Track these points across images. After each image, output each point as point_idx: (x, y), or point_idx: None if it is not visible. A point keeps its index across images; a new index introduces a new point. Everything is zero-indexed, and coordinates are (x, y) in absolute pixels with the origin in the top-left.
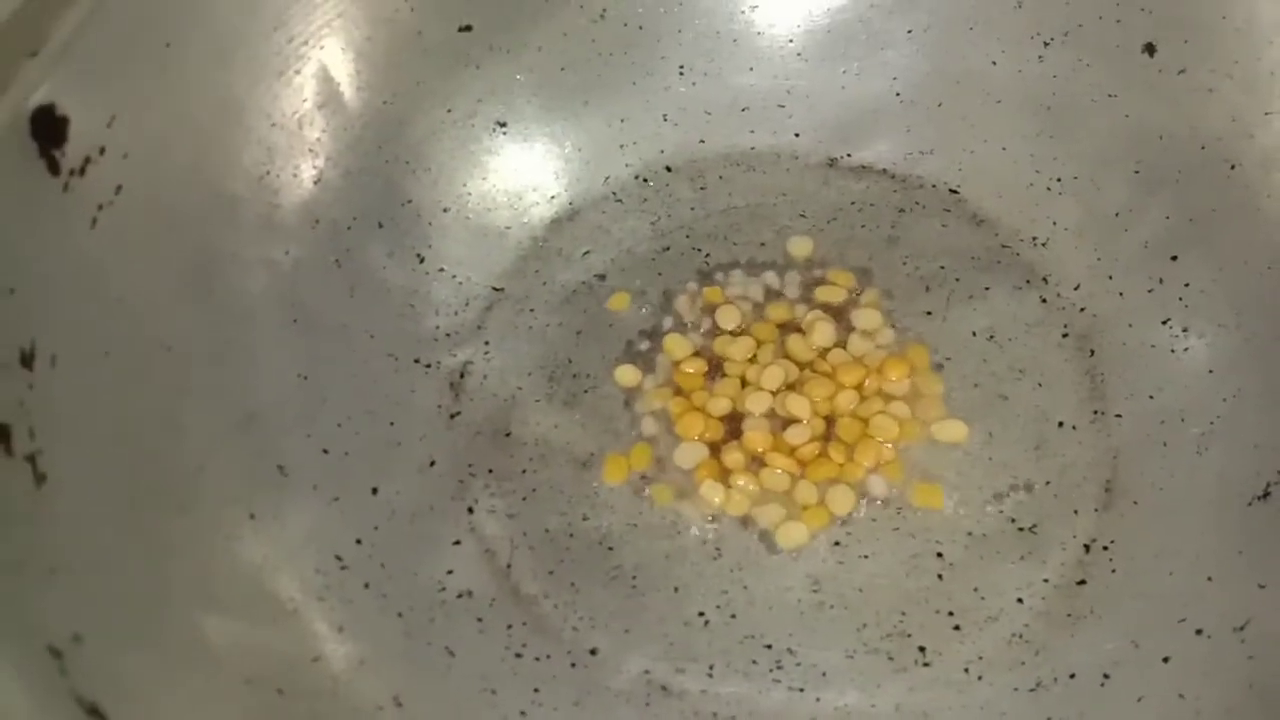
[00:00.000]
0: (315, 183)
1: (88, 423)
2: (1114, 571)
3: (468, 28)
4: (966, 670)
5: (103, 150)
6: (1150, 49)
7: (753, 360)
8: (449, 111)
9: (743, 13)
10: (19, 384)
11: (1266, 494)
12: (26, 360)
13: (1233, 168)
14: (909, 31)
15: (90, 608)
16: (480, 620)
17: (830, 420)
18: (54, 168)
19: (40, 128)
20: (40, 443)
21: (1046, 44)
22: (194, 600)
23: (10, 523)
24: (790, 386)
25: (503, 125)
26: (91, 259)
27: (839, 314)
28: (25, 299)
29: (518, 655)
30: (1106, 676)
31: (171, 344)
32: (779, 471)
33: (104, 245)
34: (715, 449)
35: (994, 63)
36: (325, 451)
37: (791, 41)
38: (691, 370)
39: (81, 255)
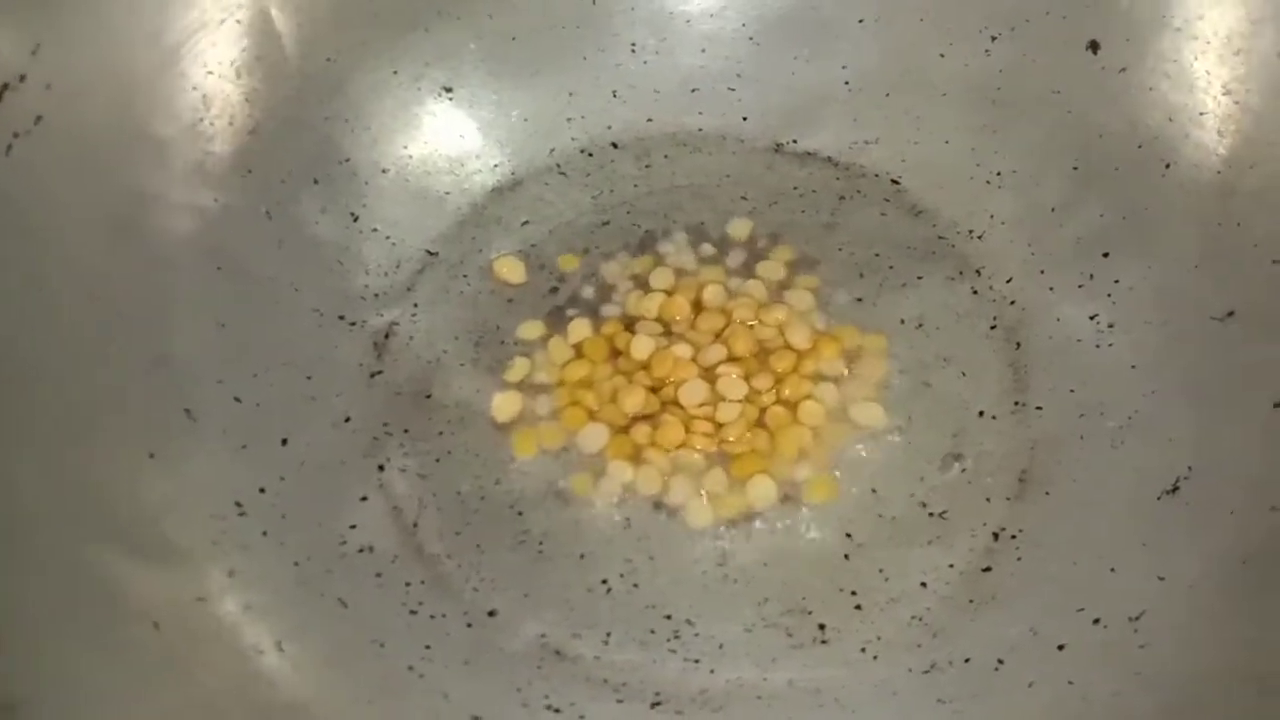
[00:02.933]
0: (250, 133)
1: None
2: (1020, 560)
3: None
4: (863, 650)
5: (23, 78)
6: (1094, 46)
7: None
8: (394, 73)
9: None
10: None
11: (1175, 488)
12: None
13: (1168, 166)
14: (860, 21)
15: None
16: (379, 575)
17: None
18: None
19: None
20: None
21: (994, 38)
22: (84, 529)
23: None
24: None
25: (449, 90)
26: (6, 189)
27: (774, 294)
28: None
29: (413, 612)
30: (1001, 662)
31: (87, 280)
32: (697, 451)
33: (19, 175)
34: (627, 428)
35: (942, 55)
36: (237, 400)
37: (744, 25)
38: (591, 352)
39: None
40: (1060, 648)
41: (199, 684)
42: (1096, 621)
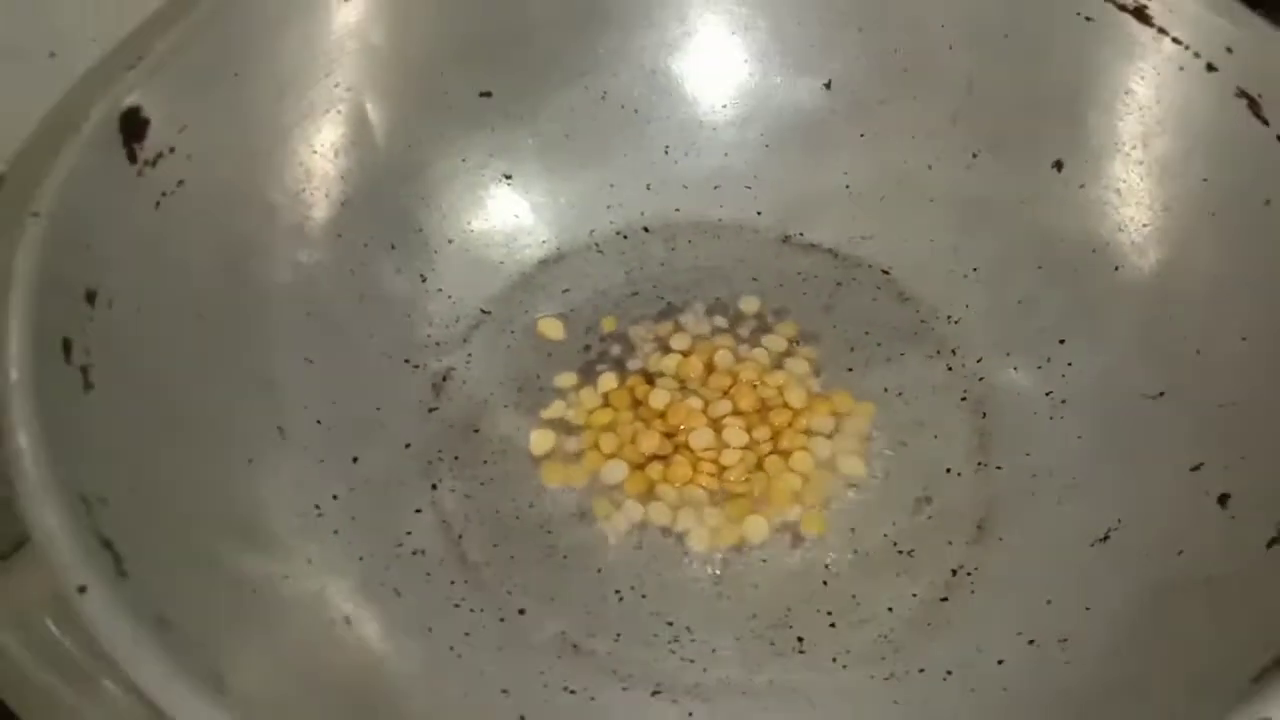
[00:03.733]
0: (342, 204)
1: (130, 356)
2: (973, 592)
3: (488, 94)
4: (834, 660)
5: (172, 150)
6: (1059, 165)
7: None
8: (463, 161)
9: (723, 107)
10: (83, 314)
11: (1106, 538)
12: (90, 298)
13: (1116, 269)
14: (861, 135)
15: (115, 483)
16: (429, 574)
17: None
18: (132, 157)
19: (127, 125)
20: (92, 359)
21: (974, 155)
22: (200, 507)
23: (62, 407)
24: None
25: (508, 177)
26: (150, 233)
27: (776, 361)
28: (95, 253)
29: (455, 605)
30: (949, 673)
31: (206, 312)
32: (701, 489)
33: (162, 224)
34: (643, 465)
35: (929, 167)
36: (318, 422)
37: (761, 135)
38: (616, 401)
39: (143, 229)
40: (1000, 662)
41: (285, 640)
42: (1031, 643)
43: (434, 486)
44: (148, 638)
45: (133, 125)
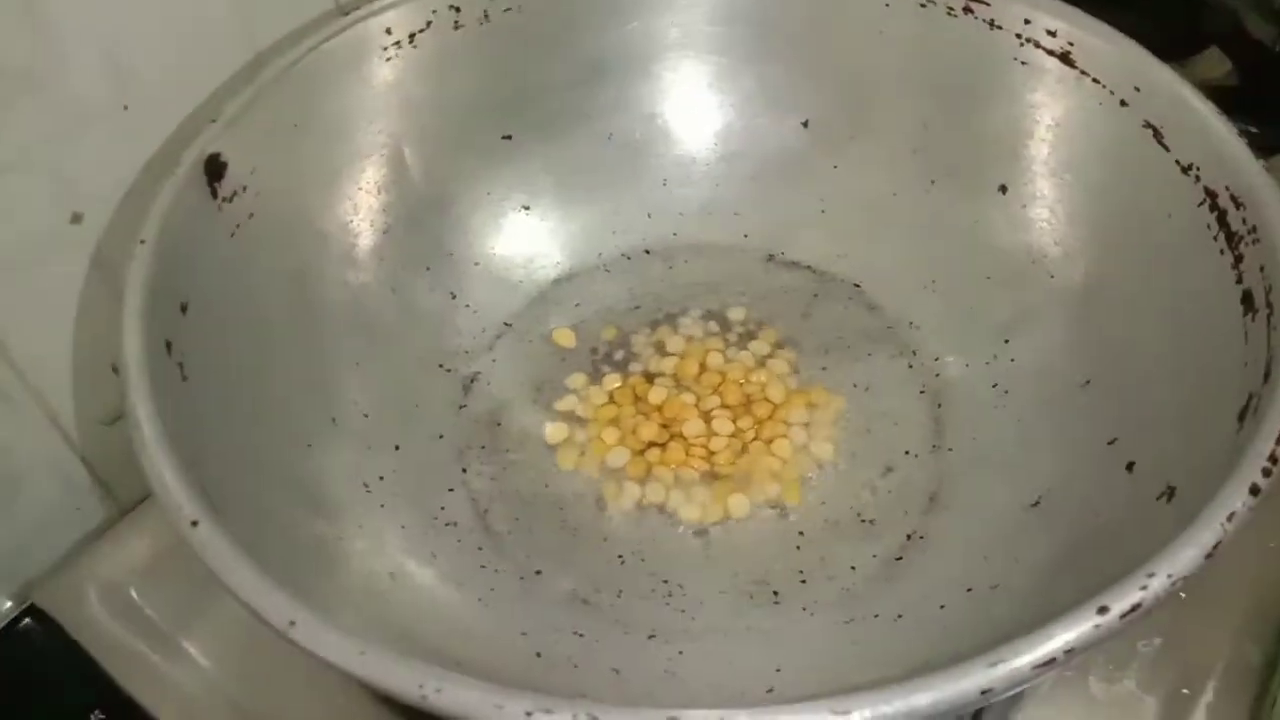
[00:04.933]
0: (384, 232)
1: (214, 355)
2: (924, 553)
3: (509, 137)
4: (804, 609)
5: (245, 188)
6: (1003, 189)
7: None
8: (488, 194)
9: (714, 144)
10: (179, 321)
11: (1036, 503)
12: (184, 309)
13: (1052, 276)
14: (834, 167)
15: (209, 452)
16: (459, 541)
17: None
18: (214, 194)
19: (210, 168)
20: (186, 357)
21: (932, 182)
22: (271, 478)
23: (167, 392)
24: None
25: (527, 208)
26: (228, 257)
27: (760, 362)
28: (186, 272)
29: (482, 566)
30: (899, 616)
31: (272, 322)
32: (692, 470)
33: (237, 249)
34: (643, 451)
35: (894, 194)
36: (365, 415)
37: (747, 168)
38: (620, 398)
39: (222, 253)
40: (941, 607)
41: (344, 584)
42: (969, 590)
43: (464, 470)
44: (245, 558)
45: (214, 168)
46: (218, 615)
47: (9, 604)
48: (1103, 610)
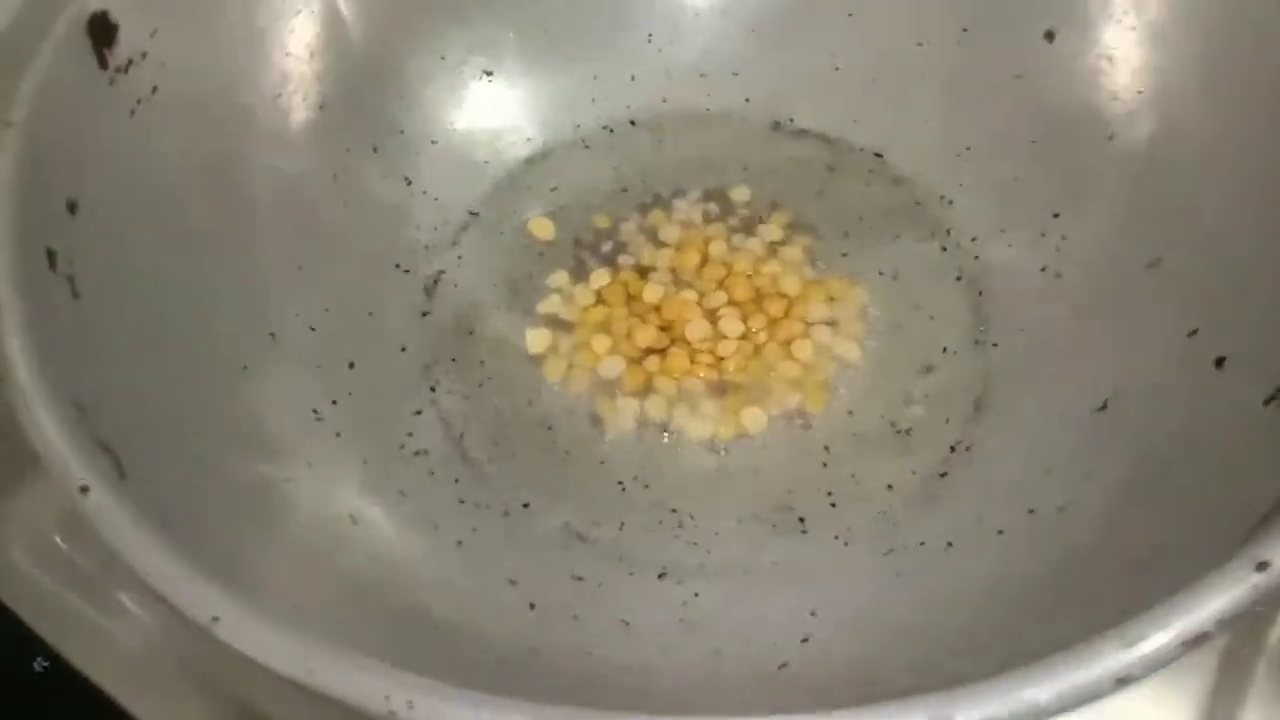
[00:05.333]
0: (320, 108)
1: (114, 263)
2: (971, 466)
3: None
4: (836, 538)
5: (144, 55)
6: (1050, 36)
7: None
8: (443, 58)
9: None
10: (65, 225)
11: (1104, 407)
12: (71, 208)
13: (1110, 138)
14: (849, 15)
15: (109, 390)
16: (432, 473)
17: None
18: (103, 64)
19: (95, 29)
20: (76, 269)
21: (964, 30)
22: (196, 412)
23: (50, 315)
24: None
25: (489, 73)
26: (127, 142)
27: (770, 250)
28: (73, 163)
29: (460, 501)
30: (950, 544)
31: (190, 220)
32: (700, 380)
33: (138, 133)
34: (640, 359)
35: (919, 44)
36: (311, 329)
37: (746, 18)
38: (610, 297)
39: (119, 138)
40: (1000, 532)
41: (291, 538)
42: (1031, 511)
43: (432, 389)
44: (151, 535)
45: (101, 30)
46: None
47: None
48: (1263, 566)
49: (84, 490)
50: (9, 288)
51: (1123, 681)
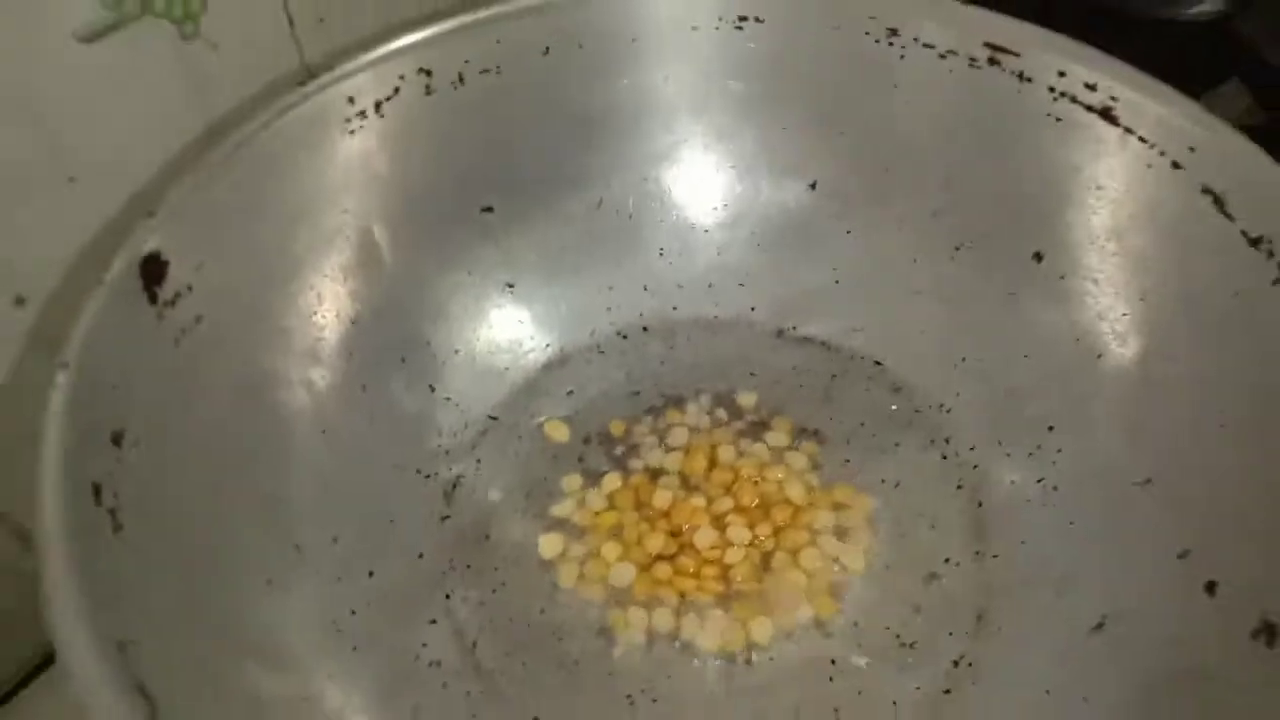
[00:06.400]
0: (353, 323)
1: (154, 492)
2: (974, 684)
3: (489, 209)
4: None
5: (190, 288)
6: (1039, 257)
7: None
8: (469, 274)
9: (714, 209)
10: (111, 457)
11: (1100, 625)
12: (117, 440)
13: (1099, 356)
14: (848, 231)
15: (146, 623)
16: (445, 686)
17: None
18: (153, 299)
19: (147, 269)
20: (119, 501)
21: (957, 248)
22: (223, 636)
23: (94, 552)
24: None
25: (511, 286)
26: (171, 370)
27: (776, 456)
28: (121, 396)
29: (473, 715)
30: None
31: (224, 439)
32: (707, 593)
33: (182, 361)
34: (649, 565)
35: (915, 260)
36: (334, 540)
37: (751, 234)
38: (620, 502)
39: (164, 367)
40: None
41: None
42: None
43: (448, 596)
44: None
45: (152, 270)
46: None
47: None
48: None
49: None
50: (57, 528)
51: None
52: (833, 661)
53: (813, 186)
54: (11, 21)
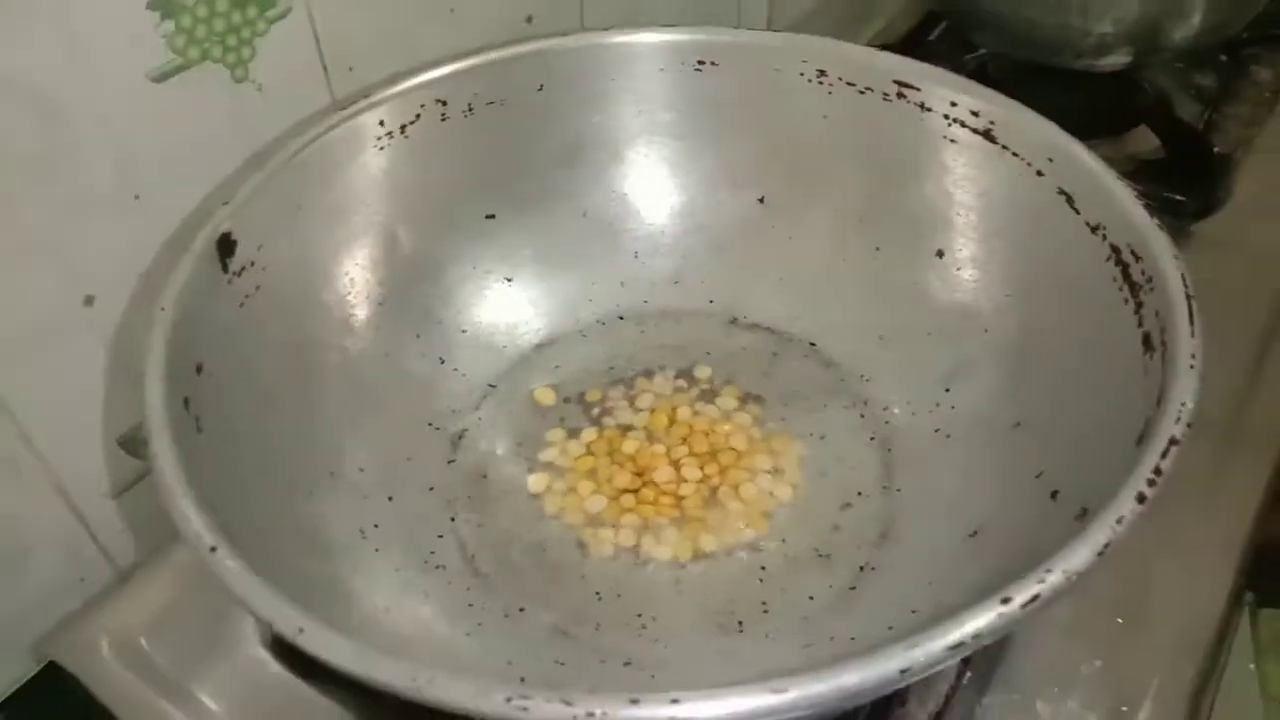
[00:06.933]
0: (379, 304)
1: (225, 411)
2: (876, 582)
3: (492, 216)
4: (766, 635)
5: (253, 264)
6: (940, 253)
7: (655, 430)
8: (474, 268)
9: (679, 220)
10: (195, 380)
11: (975, 534)
12: (199, 369)
13: (986, 331)
14: (789, 238)
15: (221, 495)
16: (449, 582)
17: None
18: (225, 269)
19: (221, 245)
20: (201, 411)
21: (877, 249)
22: (276, 521)
23: (185, 441)
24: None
25: (509, 279)
26: (236, 325)
27: (725, 415)
28: (201, 338)
29: (470, 605)
30: (852, 638)
31: (277, 383)
32: (664, 515)
33: (245, 319)
34: (618, 497)
35: (843, 260)
36: (361, 470)
37: (710, 240)
38: (596, 449)
39: (232, 322)
40: (889, 628)
41: (343, 616)
42: (914, 612)
43: (452, 519)
44: (257, 578)
45: (226, 245)
46: (227, 663)
47: (26, 664)
48: (1006, 600)
49: (213, 549)
50: (160, 420)
51: (905, 673)
52: (763, 567)
53: (761, 200)
54: (100, 64)
